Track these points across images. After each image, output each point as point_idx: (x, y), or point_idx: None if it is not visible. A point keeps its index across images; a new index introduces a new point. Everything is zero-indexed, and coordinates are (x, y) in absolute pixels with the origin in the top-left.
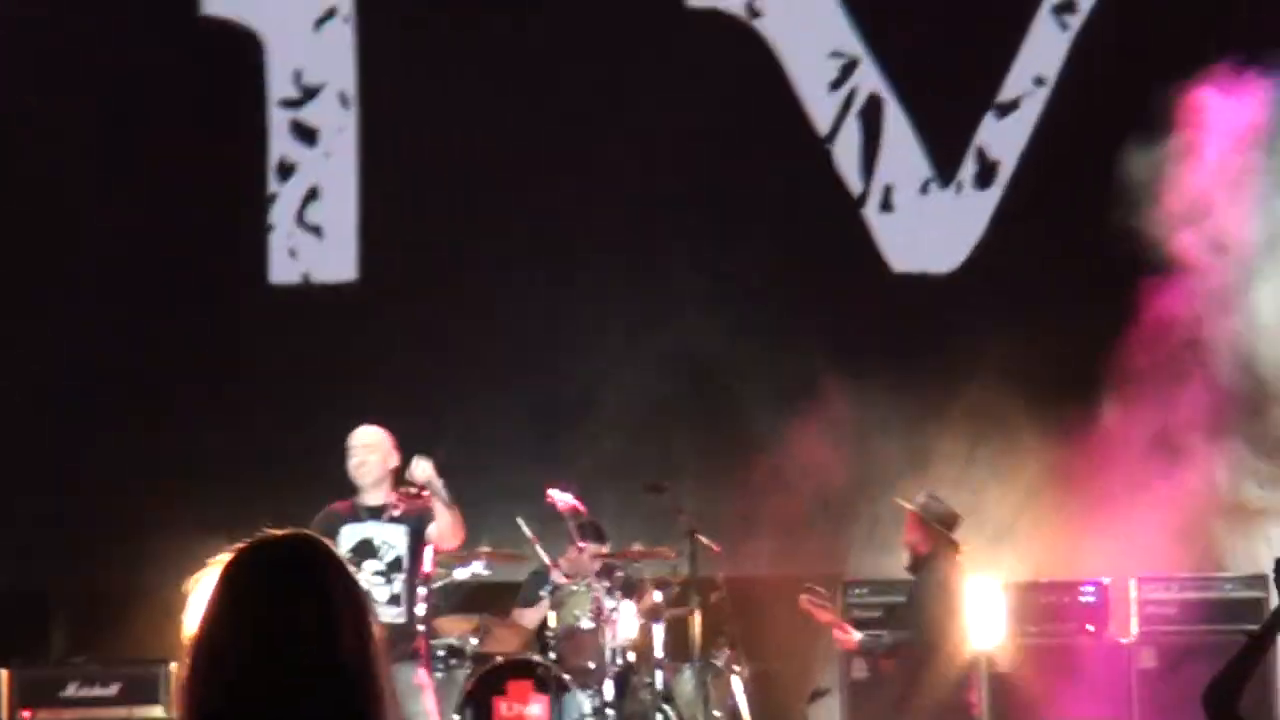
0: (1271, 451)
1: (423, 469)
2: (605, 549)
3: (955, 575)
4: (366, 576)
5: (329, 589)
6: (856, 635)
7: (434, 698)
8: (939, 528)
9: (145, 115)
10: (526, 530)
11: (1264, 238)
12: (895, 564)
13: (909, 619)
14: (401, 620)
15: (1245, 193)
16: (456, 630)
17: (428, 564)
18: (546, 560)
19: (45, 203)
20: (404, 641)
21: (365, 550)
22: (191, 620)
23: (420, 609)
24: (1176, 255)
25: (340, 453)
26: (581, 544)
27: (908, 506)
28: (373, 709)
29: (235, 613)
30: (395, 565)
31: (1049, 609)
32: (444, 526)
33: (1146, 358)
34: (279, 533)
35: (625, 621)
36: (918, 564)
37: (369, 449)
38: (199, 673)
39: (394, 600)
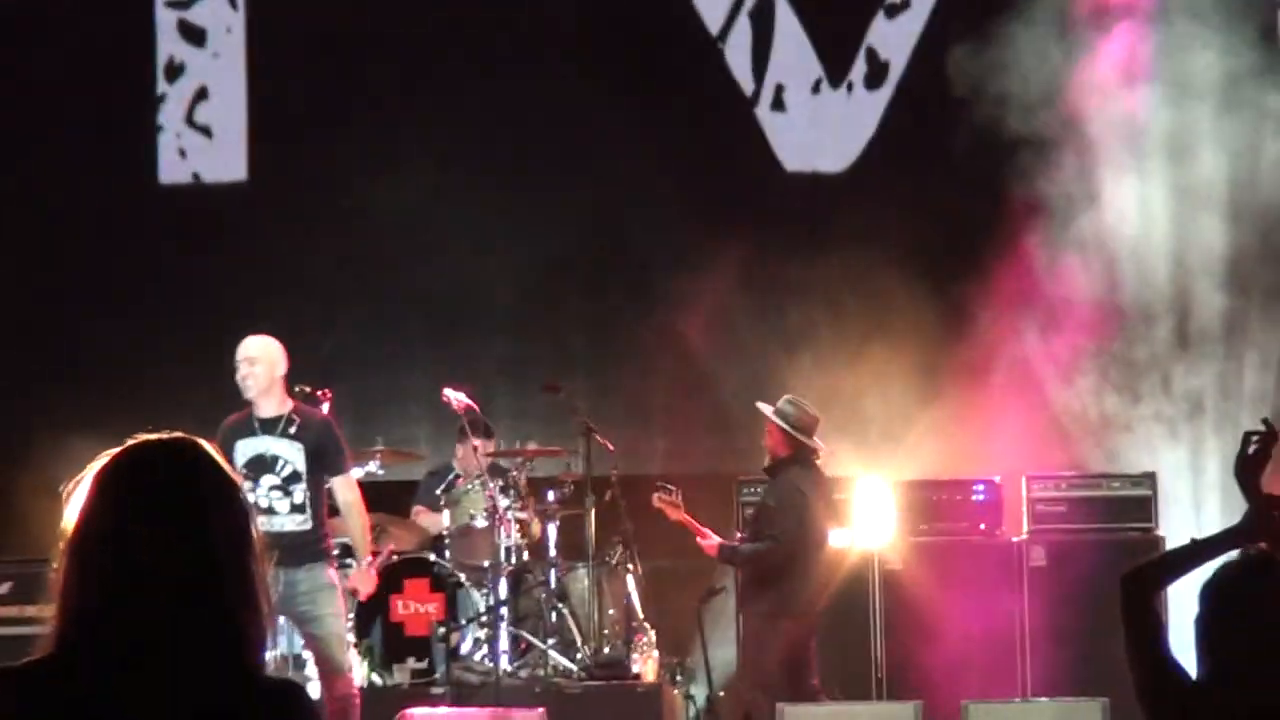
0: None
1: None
2: (493, 446)
3: (810, 481)
4: (265, 490)
5: (201, 490)
6: (714, 539)
7: (343, 597)
8: (796, 433)
9: (31, 16)
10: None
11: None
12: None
13: (765, 526)
14: (307, 526)
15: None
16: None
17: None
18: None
19: None
20: (311, 545)
21: (261, 465)
22: (68, 520)
23: (322, 512)
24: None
25: (229, 354)
26: (475, 441)
27: (766, 411)
28: (244, 612)
29: (107, 512)
30: (293, 478)
31: (941, 507)
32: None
33: (1023, 256)
34: (155, 435)
35: (519, 520)
36: (775, 468)
37: (252, 361)
38: (72, 571)
39: (297, 509)
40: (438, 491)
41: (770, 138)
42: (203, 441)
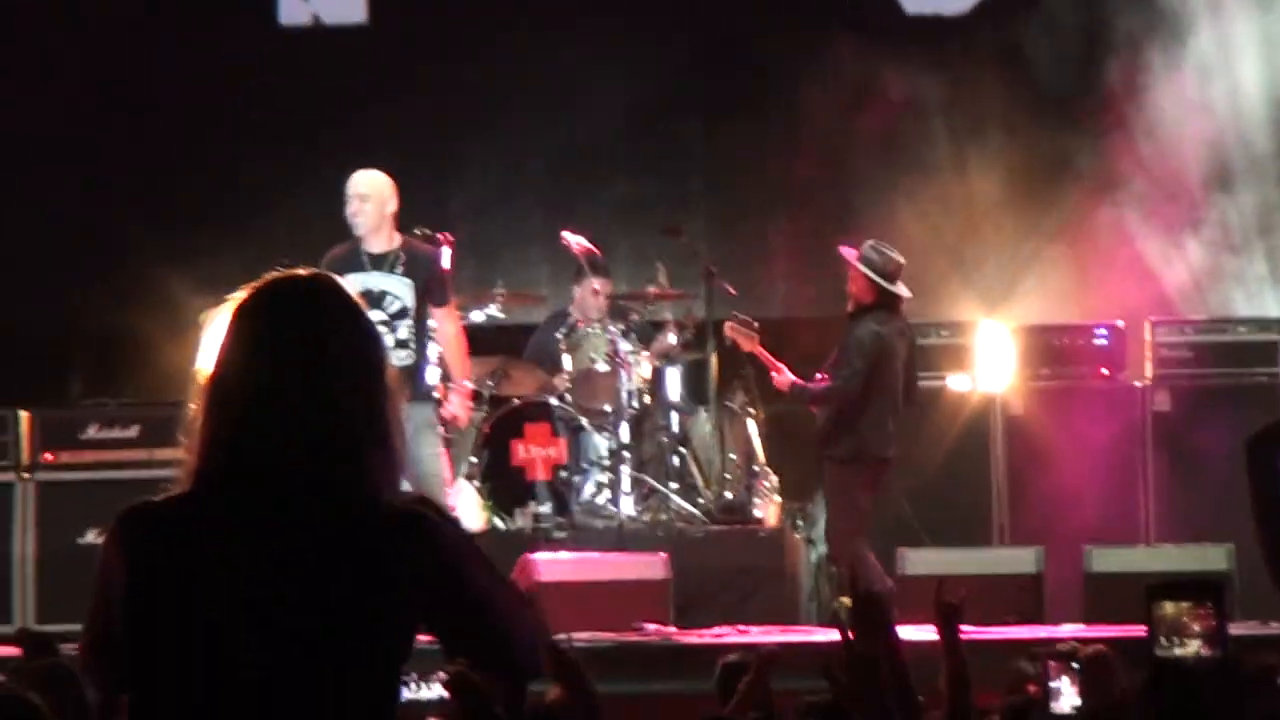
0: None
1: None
2: (610, 287)
3: (893, 327)
4: None
5: (326, 323)
6: (788, 376)
7: (441, 439)
8: (881, 280)
9: None
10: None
11: None
12: (918, 307)
13: (842, 368)
14: (410, 362)
15: None
16: (474, 373)
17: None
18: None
19: None
20: (415, 382)
21: (369, 300)
22: (205, 356)
23: (432, 351)
24: None
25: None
26: (595, 283)
27: (849, 257)
28: (369, 445)
29: (238, 350)
30: (400, 314)
31: (1062, 351)
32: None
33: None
34: (290, 272)
35: (641, 364)
36: (858, 314)
37: (363, 198)
38: (209, 408)
39: (401, 345)
40: (558, 334)
41: None
42: (332, 275)
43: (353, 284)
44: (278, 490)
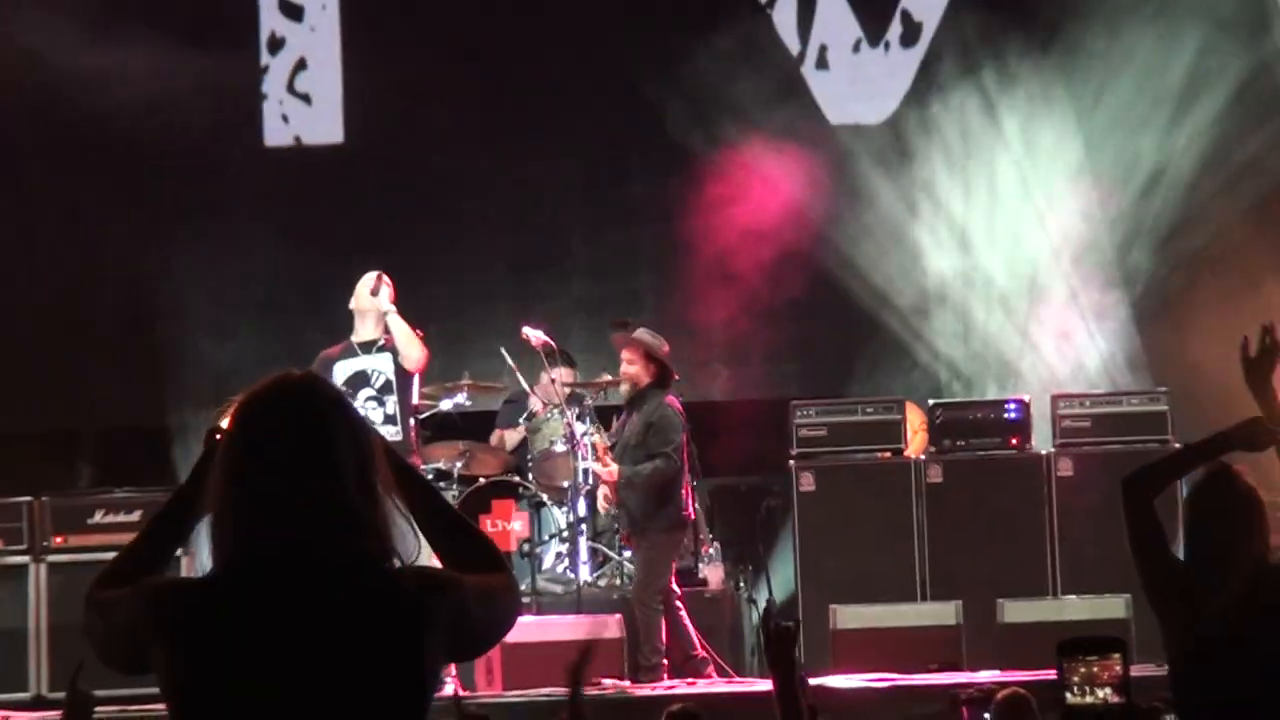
0: None
1: (373, 296)
2: (574, 375)
3: (676, 403)
4: (361, 402)
5: (333, 421)
6: (613, 467)
7: None
8: (660, 360)
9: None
10: (508, 359)
11: None
12: (837, 387)
13: (655, 445)
14: (399, 438)
15: None
16: (443, 456)
17: (415, 394)
18: (524, 385)
19: (60, 75)
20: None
21: (359, 380)
22: (219, 451)
23: (411, 431)
24: None
25: (328, 296)
26: (553, 374)
27: (636, 338)
28: (377, 533)
29: (246, 444)
30: (386, 388)
31: (976, 425)
32: (400, 343)
33: None
34: (274, 375)
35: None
36: (638, 396)
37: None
38: (227, 492)
39: (389, 420)
40: (520, 420)
41: (815, 92)
42: (314, 373)
43: (346, 368)
44: (300, 570)
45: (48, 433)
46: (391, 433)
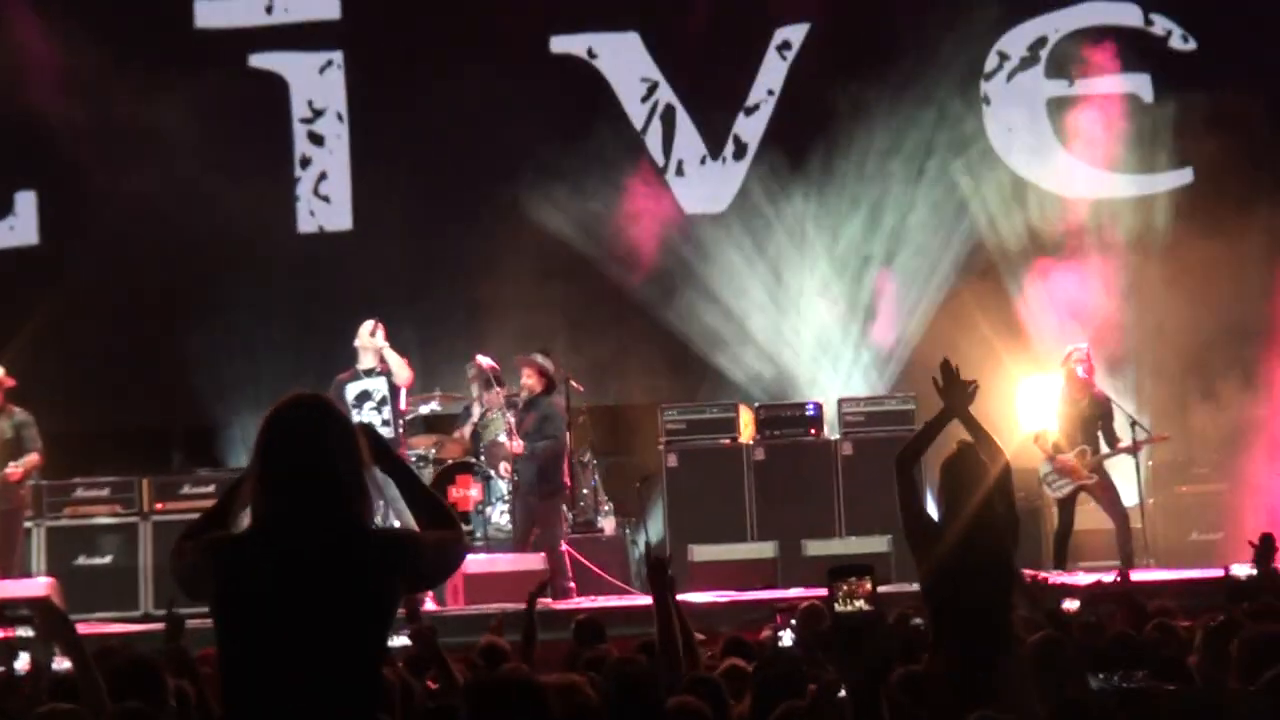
0: None
1: (372, 336)
2: (507, 389)
3: (561, 403)
4: (366, 412)
5: (328, 427)
6: (519, 443)
7: None
8: (549, 374)
9: (219, 132)
10: (469, 377)
11: None
12: (697, 395)
13: (547, 431)
14: (392, 435)
15: None
16: (423, 444)
17: (403, 403)
18: (474, 396)
19: (155, 195)
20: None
21: (364, 397)
22: (254, 449)
23: (400, 429)
24: None
25: (341, 341)
26: (499, 389)
27: (529, 360)
28: (358, 505)
29: (272, 442)
30: (383, 402)
31: (788, 419)
32: (394, 367)
33: None
34: (299, 393)
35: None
36: (534, 400)
37: (360, 337)
38: (258, 476)
39: (386, 423)
40: (473, 420)
41: (675, 191)
42: (325, 395)
43: (354, 389)
44: (310, 528)
45: (151, 429)
46: (387, 432)
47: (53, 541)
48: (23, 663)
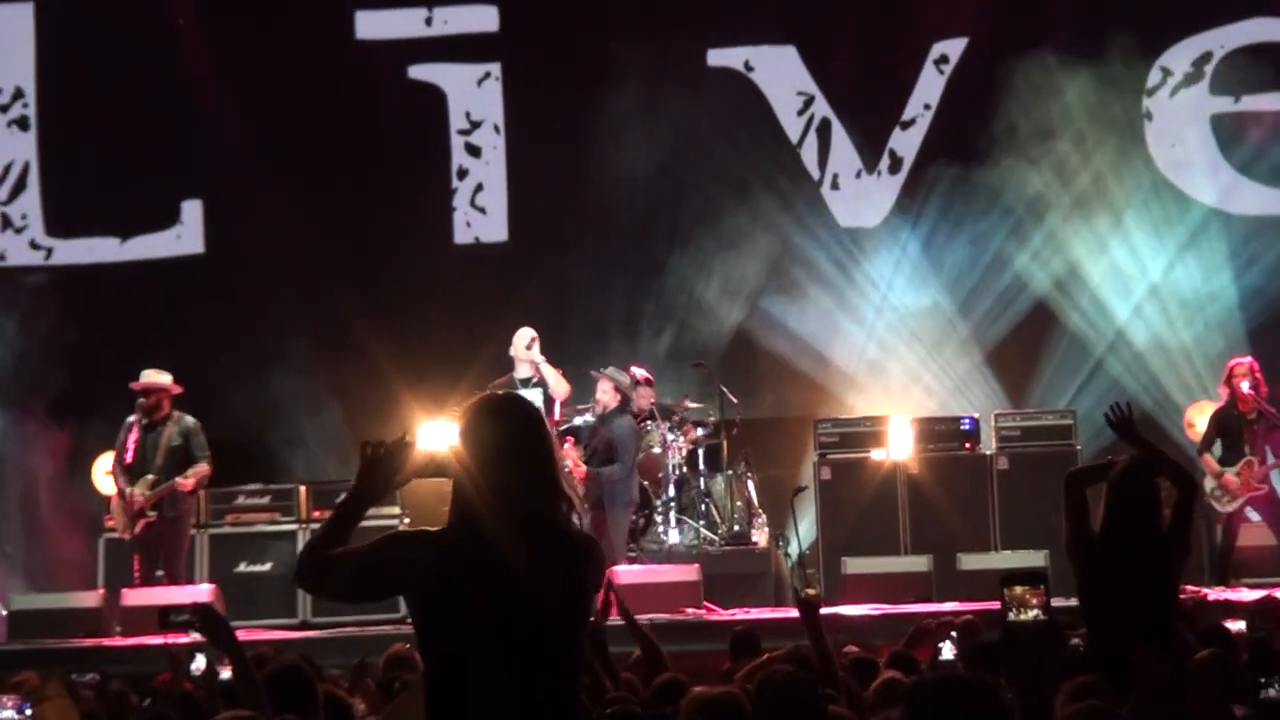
0: None
1: (529, 349)
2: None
3: (635, 423)
4: None
5: (540, 426)
6: (583, 468)
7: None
8: (626, 390)
9: (378, 143)
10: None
11: None
12: (850, 408)
13: (617, 455)
14: None
15: None
16: (571, 458)
17: (557, 414)
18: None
19: (316, 205)
20: None
21: None
22: (431, 440)
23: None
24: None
25: (498, 349)
26: (650, 398)
27: (606, 375)
28: (560, 506)
29: (486, 441)
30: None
31: (941, 433)
32: (550, 381)
33: None
34: (510, 393)
35: (681, 447)
36: (607, 416)
37: (514, 346)
38: (469, 474)
39: None
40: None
41: (830, 205)
42: (519, 394)
43: None
44: (509, 519)
45: (311, 438)
46: None
47: (215, 549)
48: (199, 665)
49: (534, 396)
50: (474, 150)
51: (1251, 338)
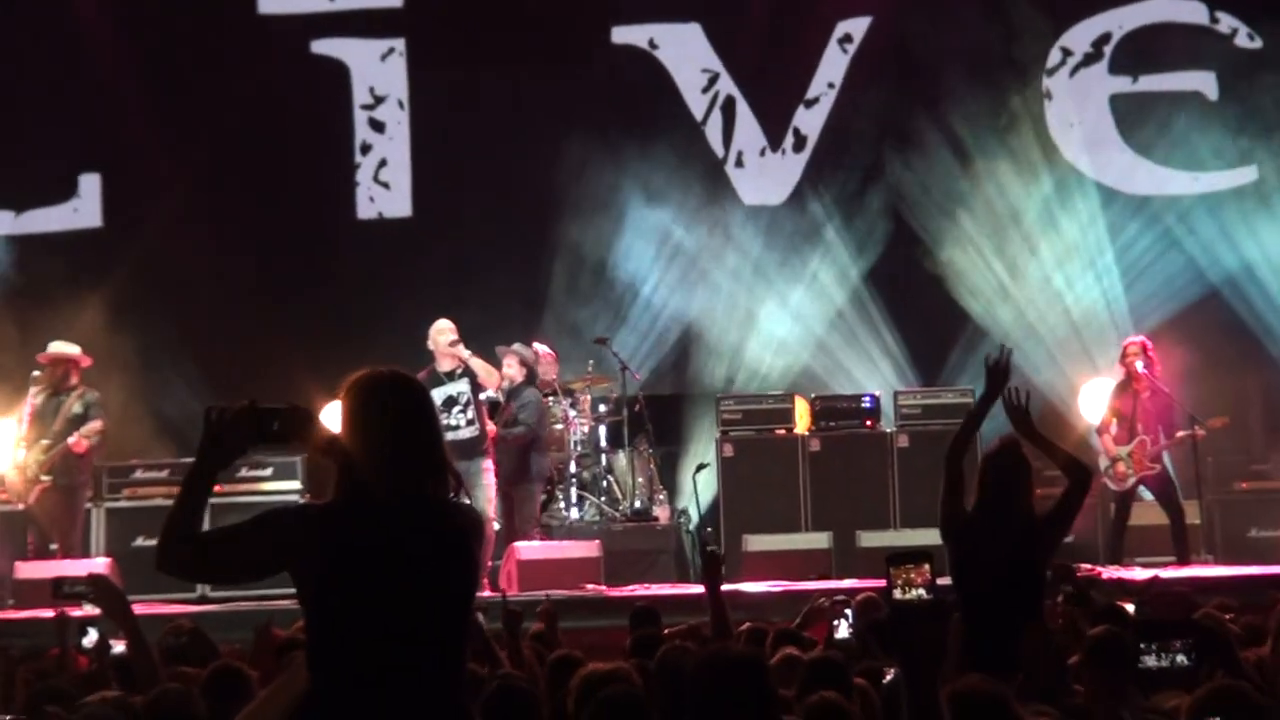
0: None
1: (452, 346)
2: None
3: (541, 397)
4: (453, 415)
5: (427, 404)
6: (491, 426)
7: (492, 485)
8: (531, 365)
9: (280, 117)
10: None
11: None
12: (753, 384)
13: (521, 418)
14: (475, 433)
15: None
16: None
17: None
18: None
19: (217, 180)
20: (475, 446)
21: (451, 402)
22: (340, 418)
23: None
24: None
25: (405, 330)
26: (553, 375)
27: (512, 350)
28: (447, 480)
29: (373, 416)
30: (466, 404)
31: (843, 411)
32: (480, 373)
33: None
34: (395, 370)
35: (580, 424)
36: (514, 390)
37: (430, 338)
38: (354, 448)
39: (469, 424)
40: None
41: (735, 183)
42: (405, 371)
43: (436, 396)
44: (402, 496)
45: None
46: (471, 430)
47: (112, 523)
48: (91, 639)
49: (463, 389)
50: (378, 125)
51: (1139, 316)
